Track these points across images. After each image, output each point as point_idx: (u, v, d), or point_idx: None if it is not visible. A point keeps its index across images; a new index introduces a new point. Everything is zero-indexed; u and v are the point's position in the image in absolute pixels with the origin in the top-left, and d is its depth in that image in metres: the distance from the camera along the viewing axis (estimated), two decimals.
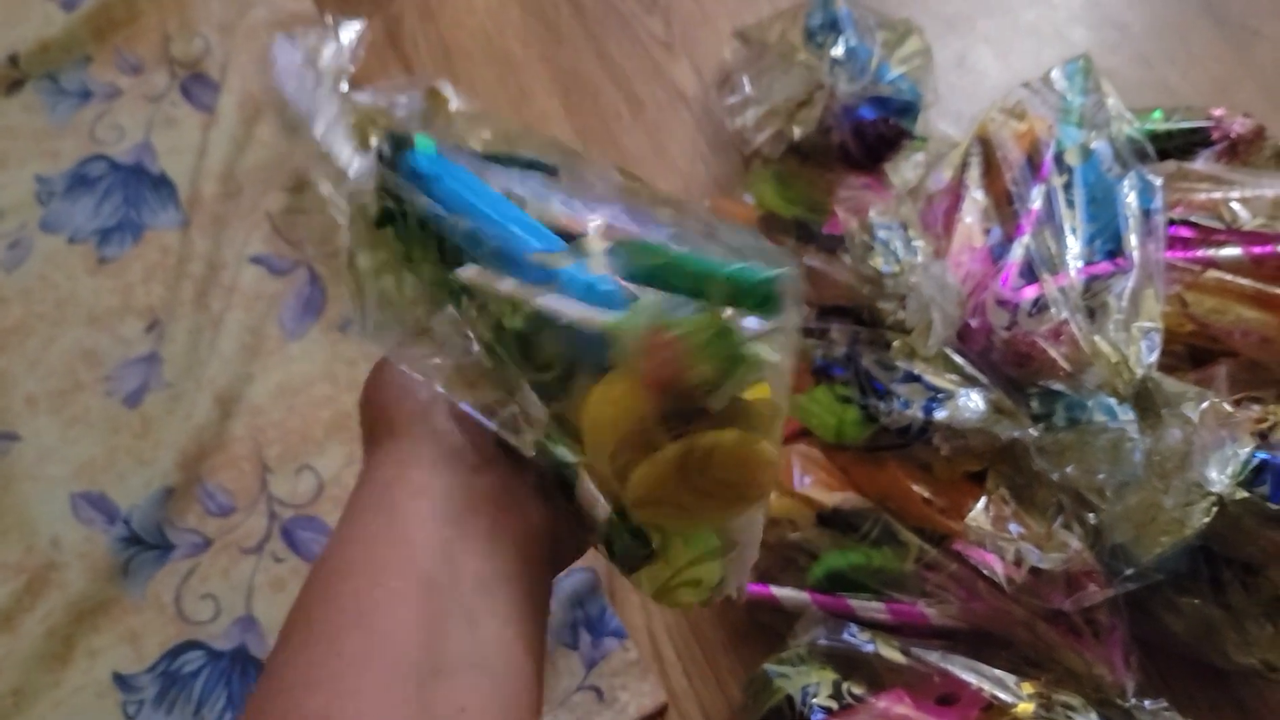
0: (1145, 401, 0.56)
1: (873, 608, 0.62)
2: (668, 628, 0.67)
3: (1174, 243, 0.69)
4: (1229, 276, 0.68)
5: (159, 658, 0.66)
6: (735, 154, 0.82)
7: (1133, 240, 0.62)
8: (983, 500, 0.59)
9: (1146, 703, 0.56)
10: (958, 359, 0.62)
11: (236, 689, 0.65)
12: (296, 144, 0.73)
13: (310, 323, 0.77)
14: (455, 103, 0.79)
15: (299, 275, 0.79)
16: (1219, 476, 0.55)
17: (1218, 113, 0.74)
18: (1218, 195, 0.71)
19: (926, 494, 0.63)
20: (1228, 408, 0.55)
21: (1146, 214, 0.64)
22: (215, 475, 0.71)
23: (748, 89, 0.66)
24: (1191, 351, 0.69)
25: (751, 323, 0.33)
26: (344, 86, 0.77)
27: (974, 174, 0.69)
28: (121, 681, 0.65)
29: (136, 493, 0.69)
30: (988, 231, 0.67)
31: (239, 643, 0.66)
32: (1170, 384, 0.55)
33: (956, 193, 0.69)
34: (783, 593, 0.64)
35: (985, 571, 0.58)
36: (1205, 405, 0.54)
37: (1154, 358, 0.58)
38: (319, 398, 0.74)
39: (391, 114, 0.76)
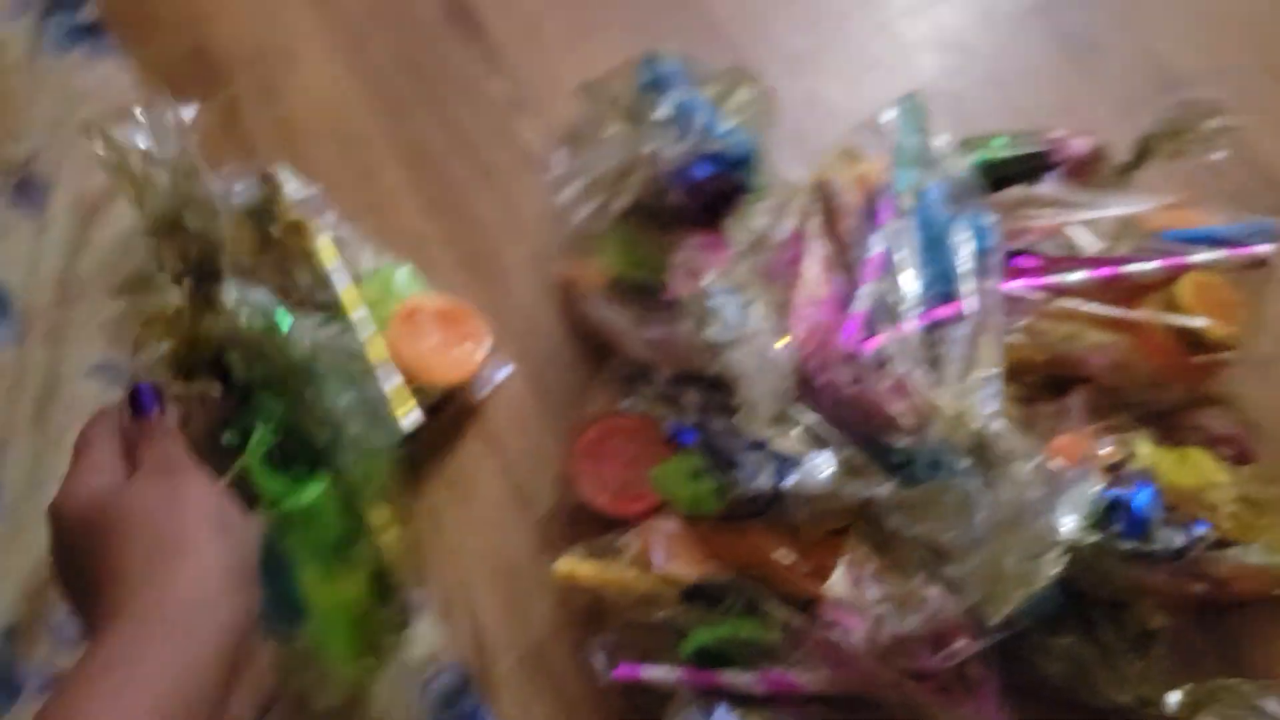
0: (984, 455, 0.55)
1: (745, 680, 0.61)
2: (546, 717, 0.65)
3: (1021, 273, 0.69)
4: (1078, 303, 0.67)
5: None
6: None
7: (968, 284, 0.61)
8: (841, 565, 0.58)
9: None
10: (808, 419, 0.61)
11: None
12: None
13: None
14: (291, 186, 0.76)
15: None
16: (1069, 522, 0.54)
17: (1057, 135, 0.74)
18: (1060, 220, 0.71)
19: (790, 559, 0.61)
20: (1064, 441, 0.54)
21: (982, 254, 0.63)
22: (61, 606, 0.68)
23: (566, 163, 0.65)
24: (1049, 380, 0.69)
25: None
26: None
27: (814, 223, 0.68)
28: None
29: None
30: (831, 281, 0.66)
31: None
32: (1006, 437, 0.54)
33: (799, 242, 0.68)
34: (652, 673, 0.62)
35: (846, 638, 0.56)
36: (1034, 464, 0.53)
37: (993, 407, 0.57)
38: None
39: (227, 201, 0.74)
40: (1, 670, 0.66)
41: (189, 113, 0.74)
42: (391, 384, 0.68)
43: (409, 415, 0.67)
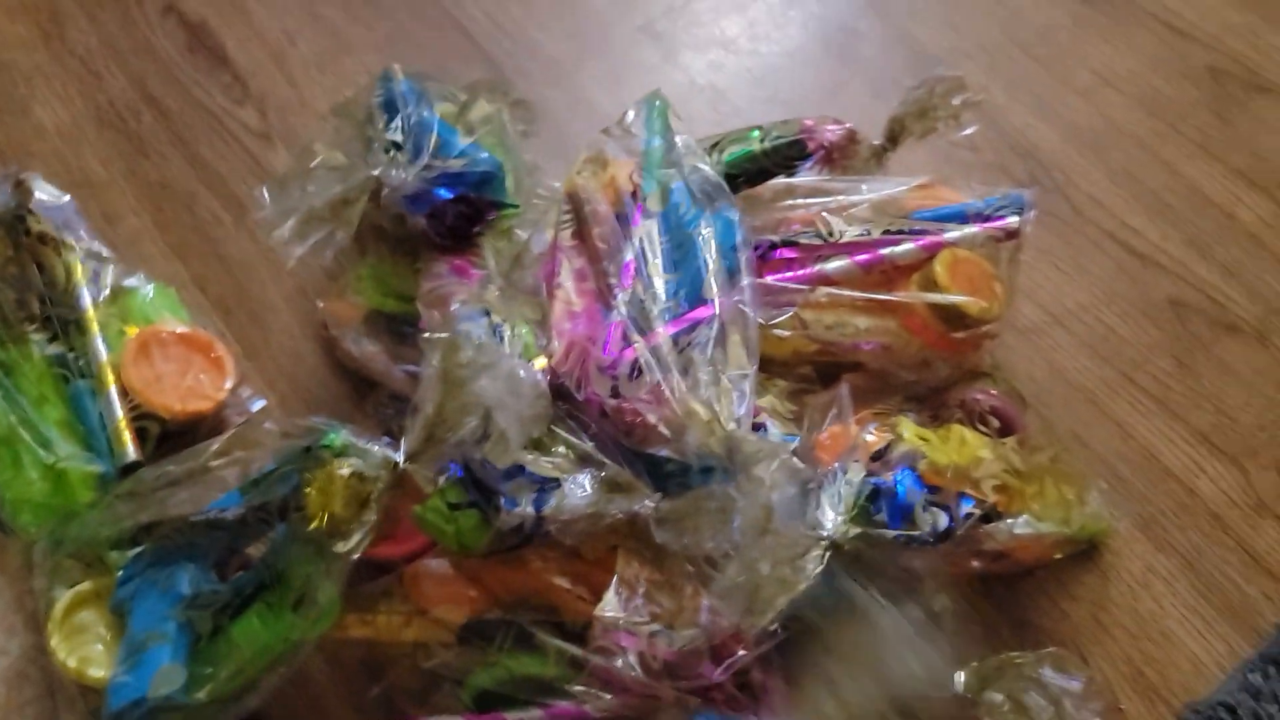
0: (735, 459, 0.53)
1: (531, 717, 0.58)
2: None
3: (782, 265, 0.68)
4: (840, 290, 0.67)
5: None
6: (353, 252, 0.76)
7: (713, 284, 0.59)
8: (612, 587, 0.56)
9: None
10: (571, 438, 0.59)
11: None
12: None
13: None
14: (40, 194, 0.72)
15: None
16: (830, 517, 0.53)
17: (809, 123, 0.74)
18: (816, 209, 0.70)
19: (567, 584, 0.59)
20: (796, 463, 0.53)
21: (730, 252, 0.62)
22: None
23: (268, 201, 0.61)
24: (820, 369, 0.68)
25: None
26: None
27: (567, 232, 0.66)
28: None
29: None
30: (586, 293, 0.64)
31: None
32: (750, 442, 0.53)
33: (554, 254, 0.66)
34: None
35: (622, 660, 0.54)
36: (775, 465, 0.51)
37: (744, 408, 0.56)
38: None
39: None
40: None
41: None
42: (117, 415, 0.65)
43: (127, 449, 0.65)
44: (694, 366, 0.56)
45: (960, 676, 0.59)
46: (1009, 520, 0.60)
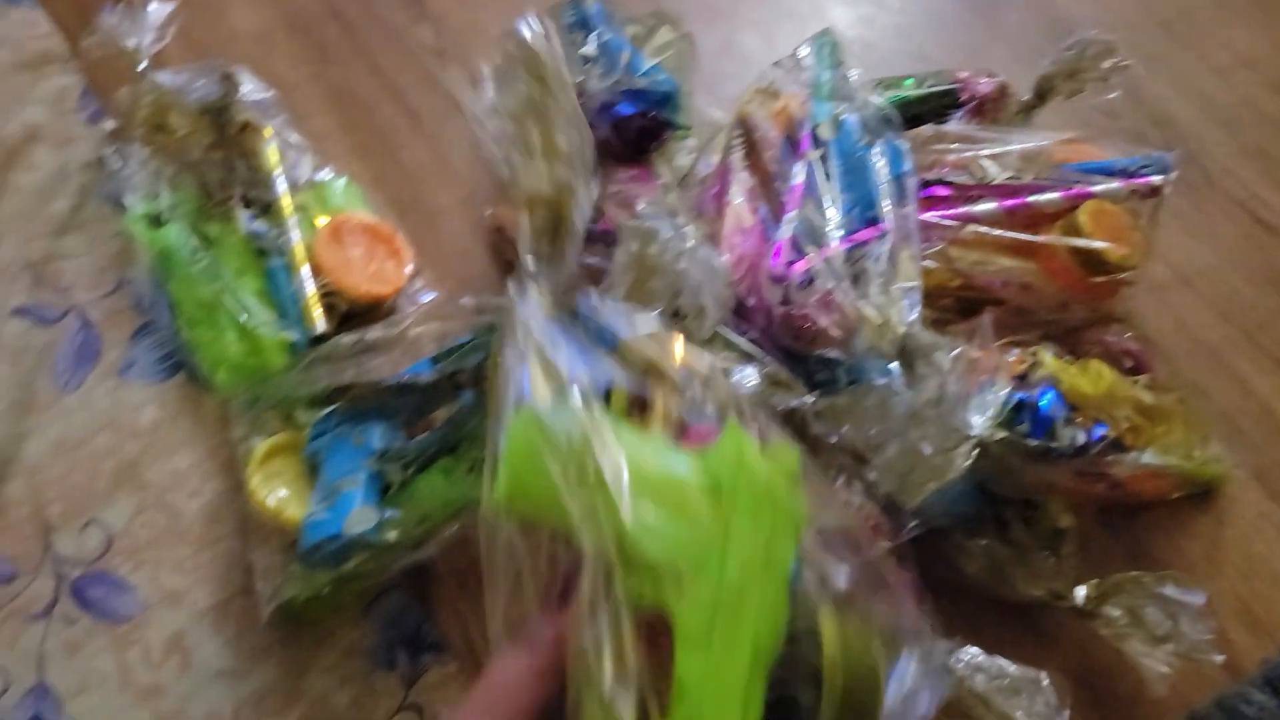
0: (907, 357, 0.58)
1: None
2: (486, 639, 0.66)
3: (934, 202, 0.72)
4: (987, 229, 0.71)
5: None
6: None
7: (886, 205, 0.64)
8: None
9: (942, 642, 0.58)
10: (734, 337, 0.63)
11: None
12: None
13: (87, 371, 0.74)
14: (248, 87, 0.79)
15: (69, 323, 0.75)
16: (979, 420, 0.58)
17: (964, 75, 0.78)
18: (970, 154, 0.74)
19: None
20: (975, 353, 0.57)
21: (898, 178, 0.66)
22: None
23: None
24: (961, 304, 0.72)
25: None
26: (143, 65, 0.77)
27: (737, 156, 0.70)
28: None
29: None
30: (757, 211, 0.69)
31: (33, 714, 0.63)
32: (926, 337, 0.58)
33: (724, 175, 0.70)
34: None
35: None
36: (957, 352, 0.56)
37: (915, 315, 0.60)
38: (101, 448, 0.71)
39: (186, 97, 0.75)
40: None
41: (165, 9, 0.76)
42: (308, 291, 0.71)
43: (316, 322, 0.70)
44: (866, 277, 0.60)
45: (1081, 590, 0.63)
46: (1137, 452, 0.64)
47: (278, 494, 0.65)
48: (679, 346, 0.50)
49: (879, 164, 0.65)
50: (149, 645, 0.65)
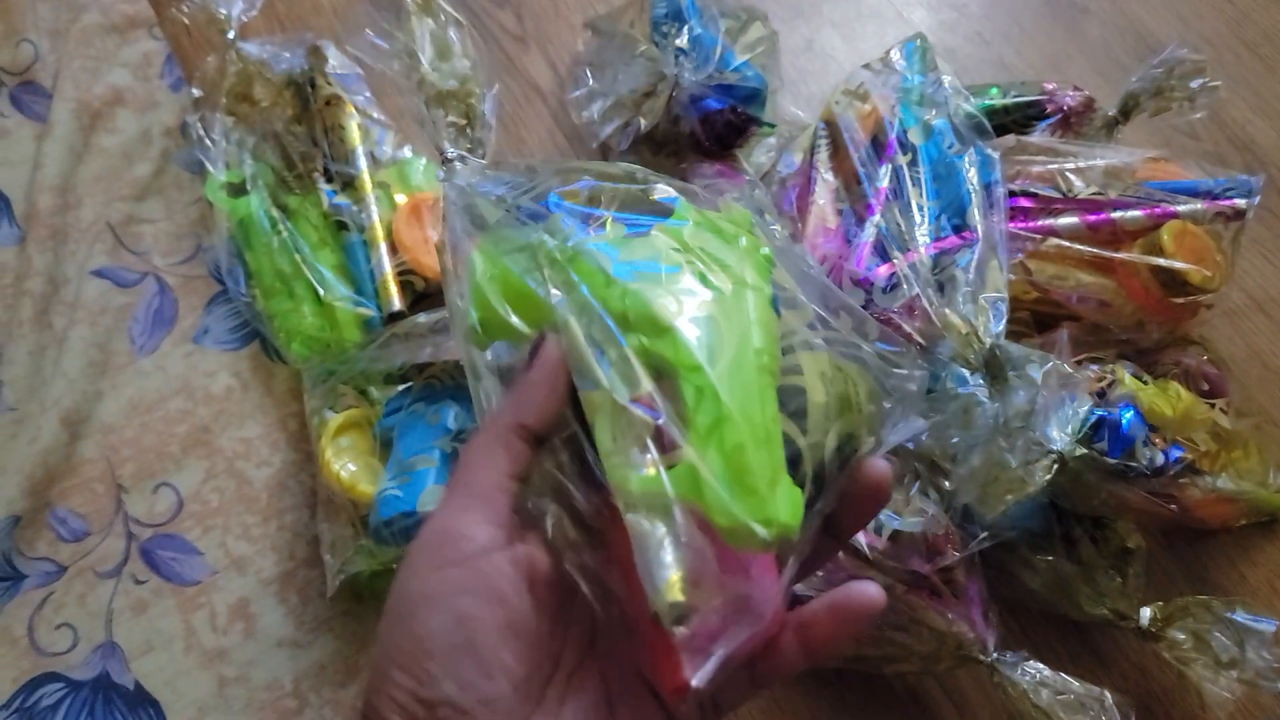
0: (994, 368, 0.57)
1: None
2: None
3: (1015, 213, 0.72)
4: (1068, 243, 0.71)
5: (14, 693, 0.63)
6: (595, 151, 0.82)
7: (976, 214, 0.64)
8: None
9: (1008, 655, 0.58)
10: None
11: (100, 718, 0.63)
12: None
13: (162, 335, 0.75)
14: (335, 62, 0.79)
15: (147, 287, 0.76)
16: (1060, 435, 0.57)
17: (1050, 87, 0.77)
18: (1053, 166, 0.74)
19: None
20: (1068, 368, 0.57)
21: (987, 187, 0.66)
22: (65, 499, 0.68)
23: (591, 81, 0.66)
24: (1036, 317, 0.72)
25: None
26: (231, 35, 0.78)
27: (823, 156, 0.70)
28: None
29: None
30: (840, 212, 0.69)
31: (100, 670, 0.64)
32: (1016, 349, 0.57)
33: (808, 176, 0.70)
34: None
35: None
36: (1049, 366, 0.56)
37: (1001, 326, 0.60)
38: (174, 413, 0.72)
39: (272, 68, 0.76)
40: (3, 561, 0.66)
41: None
42: (385, 269, 0.71)
43: (393, 299, 0.71)
44: (953, 285, 0.60)
45: (1146, 612, 0.63)
46: (1211, 476, 0.64)
47: (347, 468, 0.65)
48: None
49: (969, 172, 0.65)
50: (214, 610, 0.66)
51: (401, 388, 0.67)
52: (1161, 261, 0.69)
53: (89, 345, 0.73)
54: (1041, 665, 0.58)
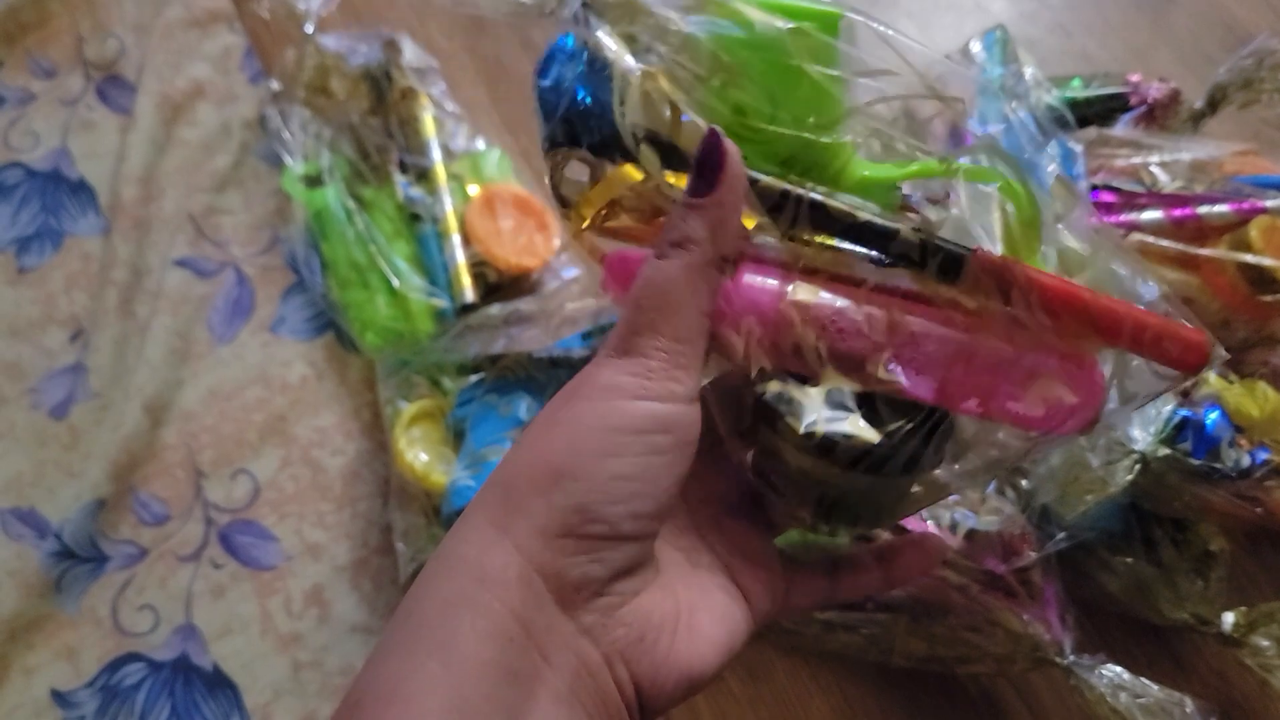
0: None
1: None
2: None
3: (1097, 208, 0.70)
4: (1151, 239, 0.69)
5: (98, 672, 0.65)
6: None
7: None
8: None
9: (1085, 658, 0.57)
10: None
11: (180, 698, 0.64)
12: None
13: (240, 325, 0.76)
14: (410, 55, 0.80)
15: (226, 277, 0.78)
16: (1142, 435, 0.56)
17: (1135, 78, 0.75)
18: (1137, 160, 0.72)
19: None
20: (1156, 367, 0.55)
21: (1071, 178, 0.65)
22: (148, 484, 0.70)
23: None
24: None
25: None
26: (309, 28, 0.79)
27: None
28: (60, 698, 0.64)
29: (67, 506, 0.68)
30: None
31: (180, 652, 0.65)
32: None
33: None
34: None
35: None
36: (1134, 363, 0.54)
37: None
38: (251, 401, 0.73)
39: (349, 61, 0.77)
40: (88, 543, 0.68)
41: None
42: (459, 259, 0.73)
43: (466, 290, 0.72)
44: None
45: (1229, 617, 0.61)
46: None
47: (420, 457, 0.66)
48: None
49: (1050, 166, 0.63)
50: (290, 595, 0.67)
51: (474, 378, 0.67)
52: (1249, 258, 0.67)
53: (170, 334, 0.74)
54: (1119, 669, 0.57)
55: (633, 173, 0.37)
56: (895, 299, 0.35)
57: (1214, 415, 0.59)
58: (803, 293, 0.35)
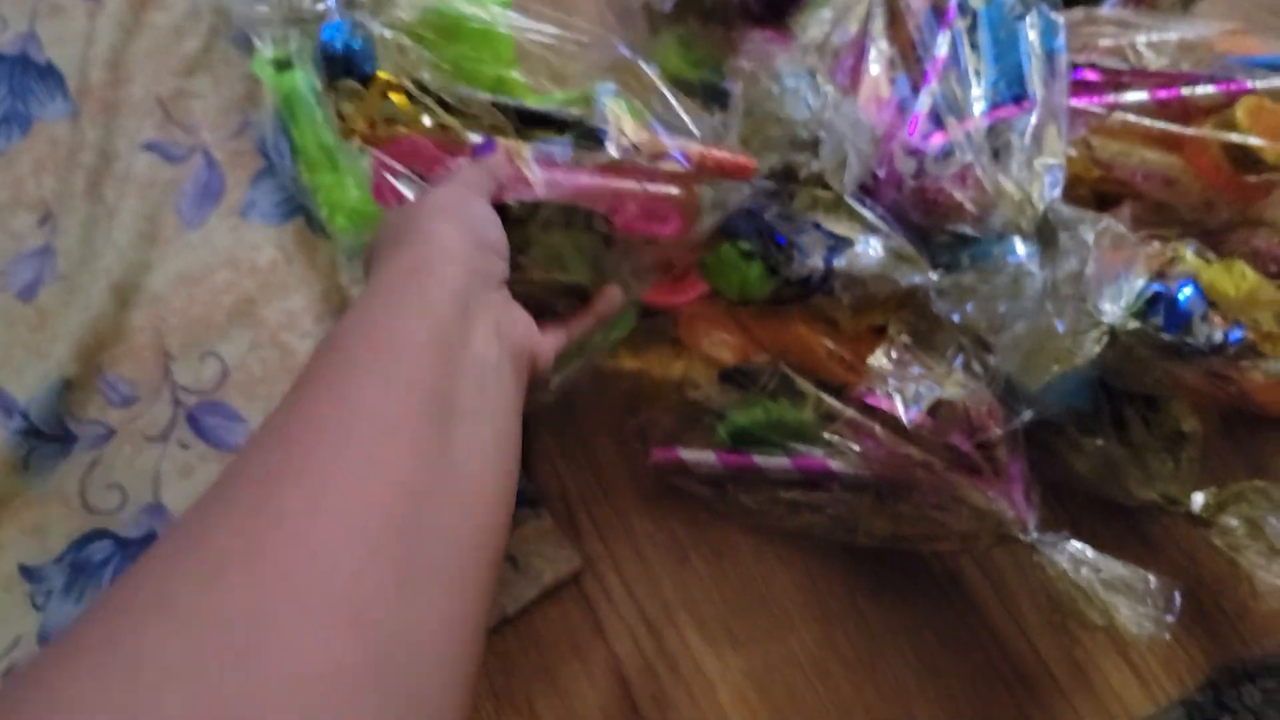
0: (1046, 235, 0.55)
1: (777, 462, 0.62)
2: (582, 495, 0.67)
3: (1080, 87, 0.68)
4: (1134, 118, 0.67)
5: (65, 549, 0.65)
6: (642, 22, 0.79)
7: (1035, 79, 0.61)
8: (883, 345, 0.59)
9: (1049, 535, 0.56)
10: (861, 208, 0.61)
11: None
12: None
13: (209, 209, 0.75)
14: None
15: (195, 161, 0.77)
16: (1112, 307, 0.55)
17: None
18: (1124, 39, 0.70)
19: (830, 345, 0.63)
20: (1123, 229, 0.54)
21: (1049, 54, 0.63)
22: (115, 365, 0.70)
23: None
24: (1098, 196, 0.69)
25: None
26: None
27: (878, 25, 0.67)
28: (28, 573, 0.64)
29: (34, 386, 0.68)
30: (894, 82, 0.66)
31: (148, 530, 0.65)
32: (1070, 210, 0.55)
33: (862, 45, 0.68)
34: (689, 454, 0.63)
35: (884, 411, 0.57)
36: (1102, 226, 0.53)
37: (1057, 192, 0.57)
38: (220, 284, 0.72)
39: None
40: (55, 422, 0.67)
41: None
42: None
43: None
44: (1008, 152, 0.58)
45: (1199, 497, 0.61)
46: (1275, 360, 0.61)
47: None
48: None
49: (1031, 36, 0.62)
50: None
51: None
52: (1235, 137, 0.65)
53: (138, 217, 0.73)
54: (1083, 545, 0.56)
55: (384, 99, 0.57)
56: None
57: (1188, 290, 0.58)
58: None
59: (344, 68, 0.59)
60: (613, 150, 0.54)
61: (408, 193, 0.56)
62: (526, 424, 0.68)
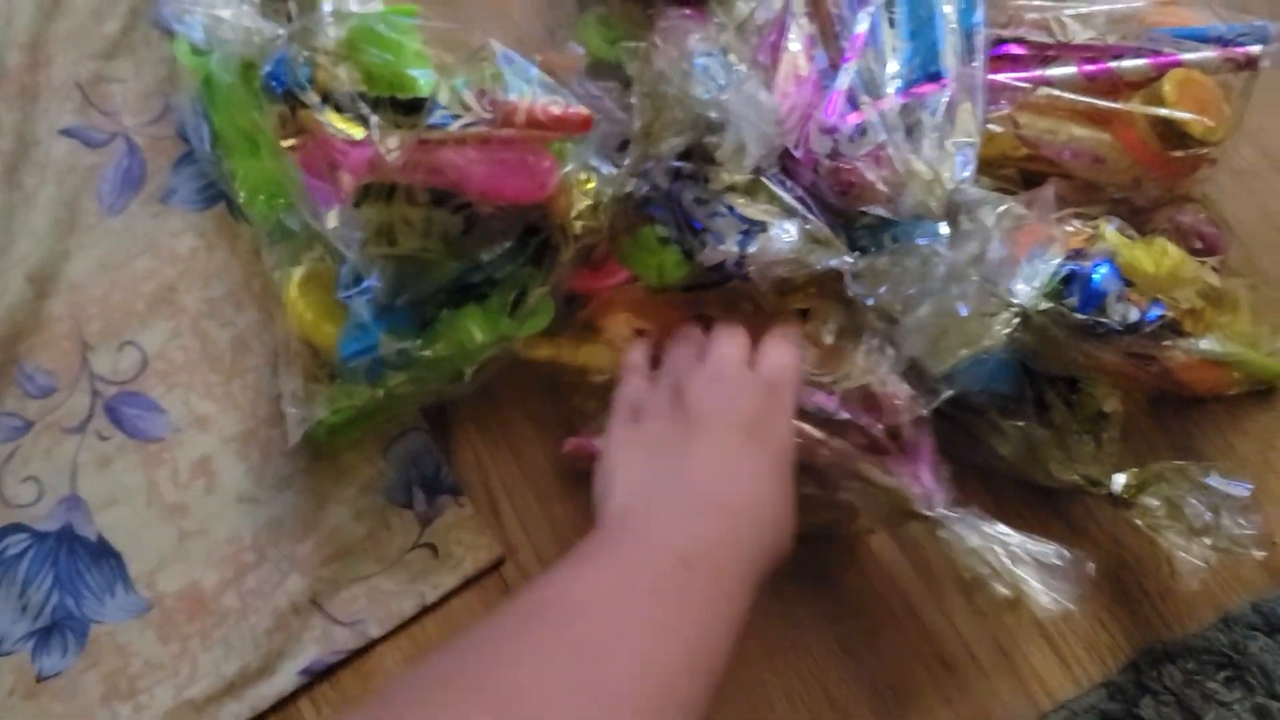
0: (955, 216, 0.54)
1: None
2: (504, 482, 0.66)
3: (1004, 62, 0.68)
4: (1060, 93, 0.66)
5: None
6: (570, 2, 0.78)
7: (950, 55, 0.60)
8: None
9: (955, 511, 0.55)
10: (778, 190, 0.60)
11: (64, 568, 0.64)
12: None
13: (131, 196, 0.74)
14: None
15: (116, 147, 0.75)
16: (1025, 288, 0.54)
17: None
18: (1050, 12, 0.69)
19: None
20: (1024, 210, 0.54)
21: (968, 31, 0.62)
22: (33, 356, 0.69)
23: None
24: (1025, 176, 0.68)
25: None
26: None
27: (799, 1, 0.66)
28: None
29: None
30: (814, 59, 0.65)
31: (64, 523, 0.65)
32: (974, 192, 0.54)
33: (782, 22, 0.66)
34: (602, 443, 0.63)
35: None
36: (1003, 209, 0.52)
37: (968, 172, 0.57)
38: (141, 272, 0.71)
39: None
40: None
41: None
42: None
43: None
44: (920, 130, 0.57)
45: (1120, 478, 0.61)
46: (1195, 338, 0.61)
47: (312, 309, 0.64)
48: None
49: (947, 10, 0.61)
50: (177, 466, 0.66)
51: None
52: (1161, 111, 0.64)
53: (56, 204, 0.72)
54: (987, 520, 0.55)
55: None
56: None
57: (1103, 269, 0.57)
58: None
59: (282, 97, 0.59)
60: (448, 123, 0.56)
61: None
62: (446, 412, 0.68)
